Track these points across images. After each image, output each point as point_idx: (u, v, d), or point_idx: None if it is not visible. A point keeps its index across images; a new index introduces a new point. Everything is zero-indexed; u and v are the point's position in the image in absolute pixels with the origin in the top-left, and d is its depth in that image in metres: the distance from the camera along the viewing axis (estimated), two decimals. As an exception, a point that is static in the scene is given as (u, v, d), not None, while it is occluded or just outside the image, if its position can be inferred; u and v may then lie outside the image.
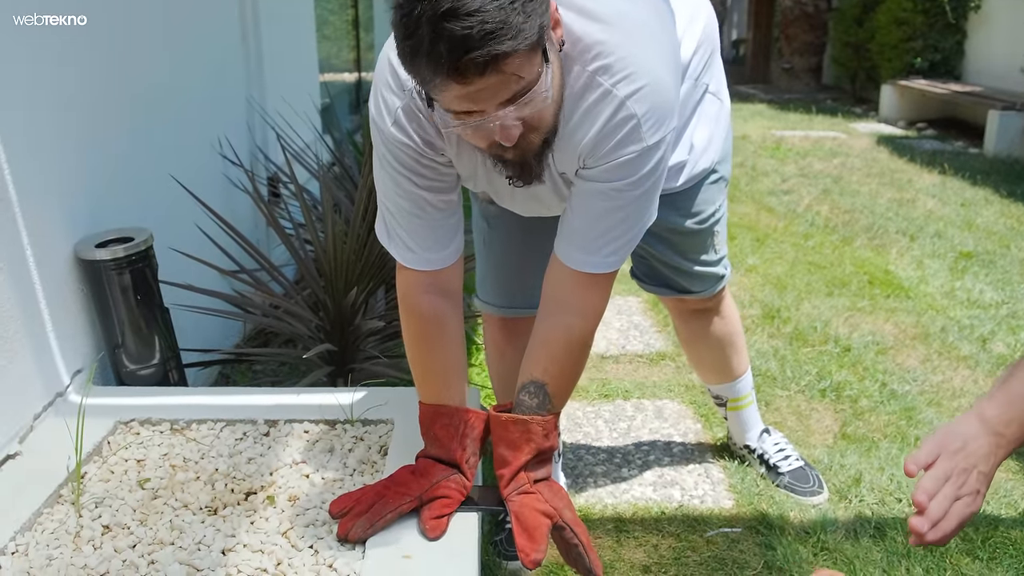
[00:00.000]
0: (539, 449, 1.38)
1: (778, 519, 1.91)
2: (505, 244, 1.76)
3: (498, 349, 1.88)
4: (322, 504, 1.45)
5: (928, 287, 3.37)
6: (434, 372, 1.44)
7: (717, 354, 2.01)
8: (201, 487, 1.52)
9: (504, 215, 1.69)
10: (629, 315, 3.10)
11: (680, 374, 2.64)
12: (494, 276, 1.80)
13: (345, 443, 1.65)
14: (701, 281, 1.83)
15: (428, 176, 1.34)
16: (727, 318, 1.97)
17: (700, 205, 1.73)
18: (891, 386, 2.54)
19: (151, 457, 1.60)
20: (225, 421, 1.71)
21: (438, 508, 1.35)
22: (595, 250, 1.34)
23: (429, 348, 1.43)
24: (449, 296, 1.44)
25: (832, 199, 4.79)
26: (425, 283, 1.41)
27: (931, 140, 6.84)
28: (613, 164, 1.26)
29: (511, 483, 1.37)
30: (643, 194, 1.31)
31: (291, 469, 1.57)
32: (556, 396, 1.40)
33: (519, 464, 1.37)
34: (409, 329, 1.45)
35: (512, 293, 1.80)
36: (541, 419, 1.38)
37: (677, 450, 2.22)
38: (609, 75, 1.22)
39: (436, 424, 1.42)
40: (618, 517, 1.92)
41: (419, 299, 1.42)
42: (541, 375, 1.39)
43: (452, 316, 1.44)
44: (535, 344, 1.41)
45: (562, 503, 1.36)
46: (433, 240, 1.39)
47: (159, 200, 2.19)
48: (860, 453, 2.18)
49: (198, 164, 2.49)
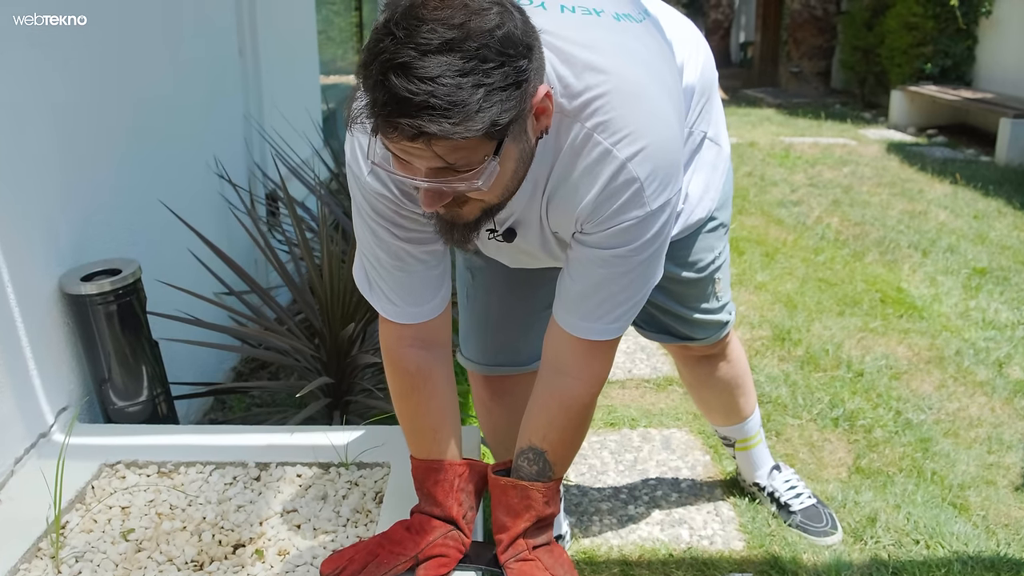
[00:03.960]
0: (539, 516, 1.31)
1: (791, 563, 1.83)
2: (488, 298, 1.65)
3: (484, 407, 1.78)
4: (313, 560, 1.38)
5: (942, 306, 3.29)
6: (423, 428, 1.36)
7: (724, 398, 1.93)
8: (187, 538, 1.45)
9: (489, 267, 1.60)
10: (635, 337, 3.02)
11: (687, 401, 2.57)
12: (477, 332, 1.70)
13: (339, 489, 1.58)
14: (703, 328, 1.75)
15: (408, 227, 1.24)
16: (733, 362, 1.89)
17: (698, 254, 1.64)
18: (906, 415, 2.46)
19: (136, 504, 1.54)
20: (215, 464, 1.64)
21: (435, 568, 1.28)
22: (596, 317, 1.25)
23: (417, 403, 1.36)
24: (435, 347, 1.36)
25: (842, 211, 4.71)
26: (409, 336, 1.33)
27: (942, 148, 6.74)
28: (614, 230, 1.16)
29: (509, 549, 1.31)
30: (648, 259, 1.21)
31: (281, 519, 1.50)
32: (557, 464, 1.33)
33: (518, 531, 1.30)
34: (394, 384, 1.38)
35: (496, 351, 1.70)
36: (542, 486, 1.31)
37: (685, 485, 2.15)
38: (609, 133, 1.11)
39: (429, 480, 1.35)
40: (624, 560, 1.85)
41: (403, 353, 1.34)
42: (540, 442, 1.32)
43: (439, 368, 1.36)
44: (534, 408, 1.34)
45: (563, 569, 1.30)
46: (416, 294, 1.30)
47: (150, 226, 2.12)
48: (875, 489, 2.10)
49: (192, 185, 2.43)
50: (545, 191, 1.19)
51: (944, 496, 2.07)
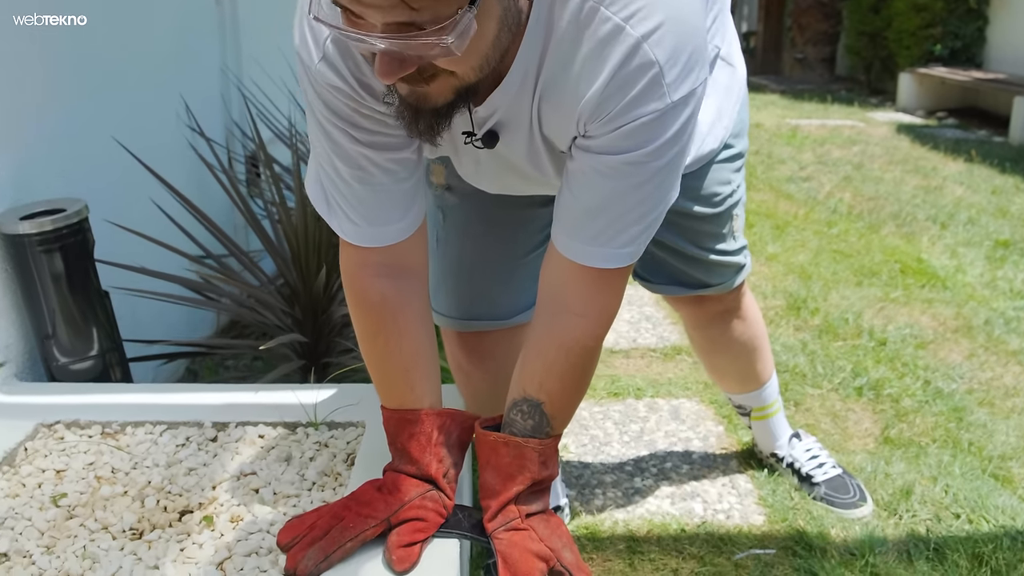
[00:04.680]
0: (534, 479, 1.10)
1: (818, 538, 1.64)
2: (462, 241, 1.42)
3: (461, 371, 1.56)
4: (270, 527, 1.18)
5: (966, 276, 3.09)
6: (393, 372, 1.15)
7: (740, 363, 1.73)
8: (128, 504, 1.25)
9: (464, 204, 1.38)
10: (640, 306, 2.83)
11: (697, 370, 2.37)
12: (449, 281, 1.46)
13: (306, 450, 1.38)
14: (719, 273, 1.54)
15: (370, 129, 1.02)
16: (749, 321, 1.68)
17: (712, 186, 1.43)
18: (935, 384, 2.26)
19: (73, 467, 1.34)
20: (166, 424, 1.45)
21: (409, 534, 1.08)
22: (605, 241, 1.03)
23: (385, 342, 1.14)
24: (406, 276, 1.14)
25: (854, 186, 4.51)
26: (374, 263, 1.11)
27: (952, 129, 6.54)
28: (626, 130, 0.94)
29: (498, 516, 1.09)
30: (667, 165, 0.98)
31: (238, 483, 1.30)
32: (556, 417, 1.12)
33: (509, 496, 1.09)
34: (359, 321, 1.16)
35: (471, 302, 1.47)
36: (538, 443, 1.10)
37: (697, 457, 1.95)
38: (619, 6, 0.89)
39: (403, 434, 1.14)
40: (631, 535, 1.65)
41: (368, 283, 1.12)
42: (536, 392, 1.10)
43: (411, 300, 1.14)
44: (530, 353, 1.12)
45: (561, 542, 1.09)
46: (382, 211, 1.08)
47: (108, 172, 1.92)
48: (907, 460, 1.90)
49: (160, 138, 2.23)
50: (537, 83, 0.98)
51: (984, 467, 1.87)
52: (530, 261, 1.44)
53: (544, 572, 1.06)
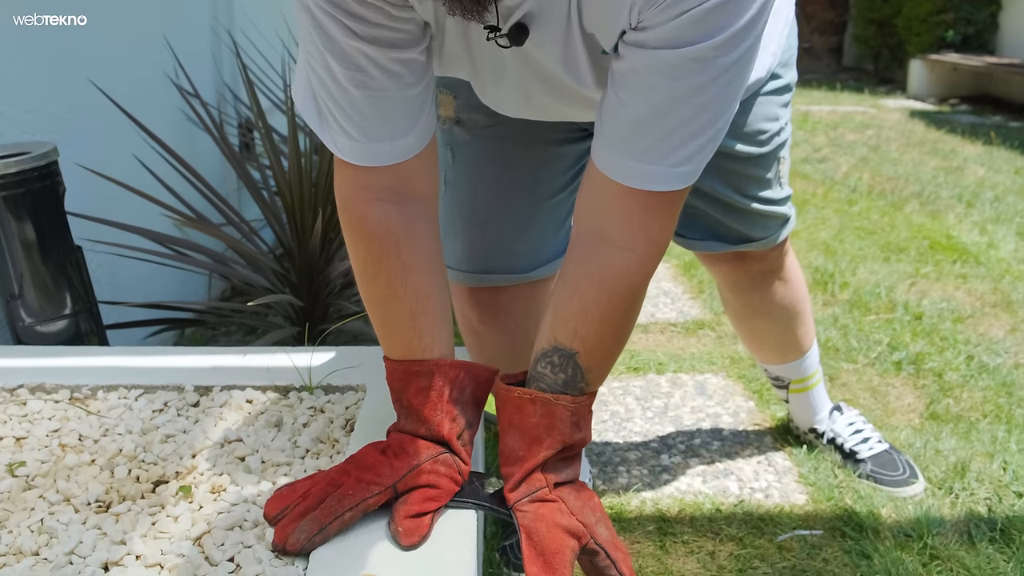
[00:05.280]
0: (565, 443, 0.92)
1: (868, 518, 1.48)
2: (474, 184, 1.25)
3: (473, 333, 1.39)
4: (256, 498, 1.02)
5: (999, 252, 2.93)
6: (398, 315, 0.98)
7: (780, 329, 1.56)
8: (95, 474, 1.09)
9: (476, 140, 1.21)
10: (656, 281, 2.67)
11: (723, 345, 2.21)
12: (459, 230, 1.30)
13: (299, 416, 1.22)
14: (763, 225, 1.37)
15: (371, 20, 0.84)
16: (791, 283, 1.52)
17: (758, 122, 1.26)
18: (980, 358, 2.10)
19: (36, 434, 1.18)
20: (142, 388, 1.29)
21: (418, 503, 0.92)
22: (658, 157, 0.85)
23: (388, 281, 0.97)
24: (413, 201, 0.96)
25: (872, 167, 4.35)
26: (375, 186, 0.94)
27: (967, 115, 6.38)
28: (692, 15, 0.77)
29: (522, 485, 0.92)
30: (736, 63, 0.81)
31: (221, 450, 1.14)
32: (591, 371, 0.94)
33: (535, 461, 0.91)
34: (357, 256, 0.99)
35: (485, 253, 1.30)
36: (571, 400, 0.92)
37: (728, 433, 1.79)
38: None
39: (409, 388, 0.97)
40: (661, 515, 1.49)
41: (367, 210, 0.95)
42: (569, 340, 0.93)
43: (419, 232, 0.97)
44: (562, 294, 0.95)
45: (594, 516, 0.91)
46: (384, 123, 0.90)
47: (85, 121, 1.76)
48: (958, 436, 1.74)
49: (147, 93, 2.07)
50: None
51: (1042, 443, 1.71)
52: (554, 206, 1.28)
53: (575, 551, 0.88)
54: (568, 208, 1.31)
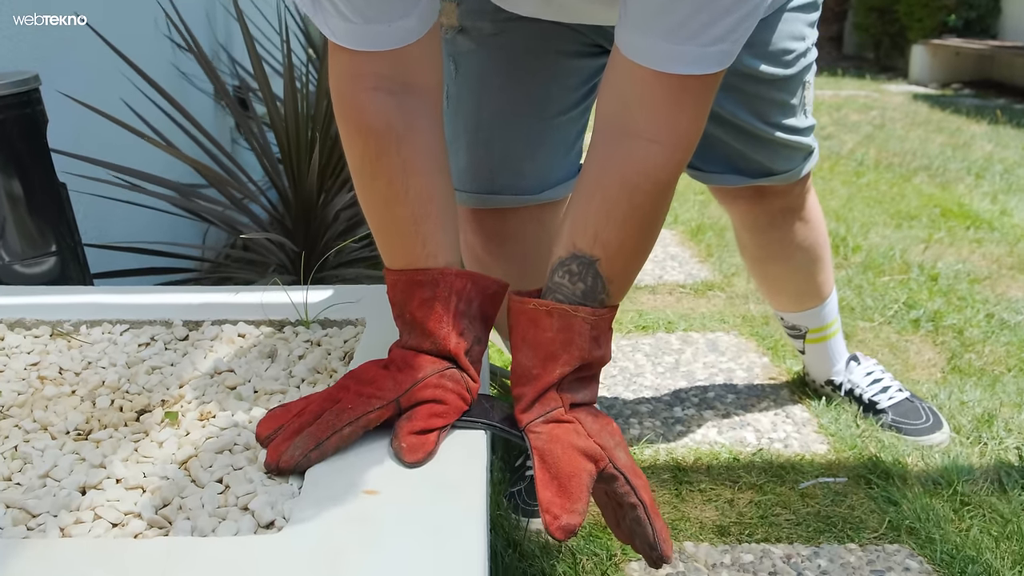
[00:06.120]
0: (584, 360, 0.84)
1: (894, 465, 1.41)
2: (478, 97, 1.17)
3: (478, 263, 1.31)
4: (248, 424, 0.95)
5: (1012, 219, 2.86)
6: (400, 219, 0.89)
7: (800, 274, 1.49)
8: (76, 404, 1.01)
9: (481, 50, 1.13)
10: (663, 246, 2.60)
11: (734, 304, 2.14)
12: (464, 146, 1.21)
13: (294, 348, 1.14)
14: (786, 157, 1.30)
15: None
16: (812, 224, 1.44)
17: (783, 40, 1.19)
18: (1000, 315, 2.03)
19: (13, 367, 1.10)
20: (128, 323, 1.21)
21: (424, 419, 0.83)
22: (689, 35, 0.76)
23: (389, 181, 0.88)
24: (415, 92, 0.88)
25: (878, 143, 4.28)
26: (372, 74, 0.85)
27: (970, 98, 6.31)
28: None
29: (535, 405, 0.83)
30: None
31: (210, 380, 1.06)
32: (613, 281, 0.85)
33: (551, 379, 0.83)
34: (353, 153, 0.90)
35: (491, 172, 1.21)
36: (590, 312, 0.84)
37: (742, 387, 1.72)
38: None
39: (413, 300, 0.88)
40: (676, 464, 1.42)
41: (364, 100, 0.86)
42: (589, 246, 0.84)
43: (421, 127, 0.88)
44: (581, 197, 0.86)
45: (613, 440, 0.82)
46: (381, 1, 0.81)
47: (73, 53, 1.69)
48: (982, 388, 1.67)
49: (137, 47, 1.99)
50: None
51: (1071, 395, 1.64)
52: (564, 124, 1.21)
53: (592, 475, 0.80)
54: (579, 128, 1.24)
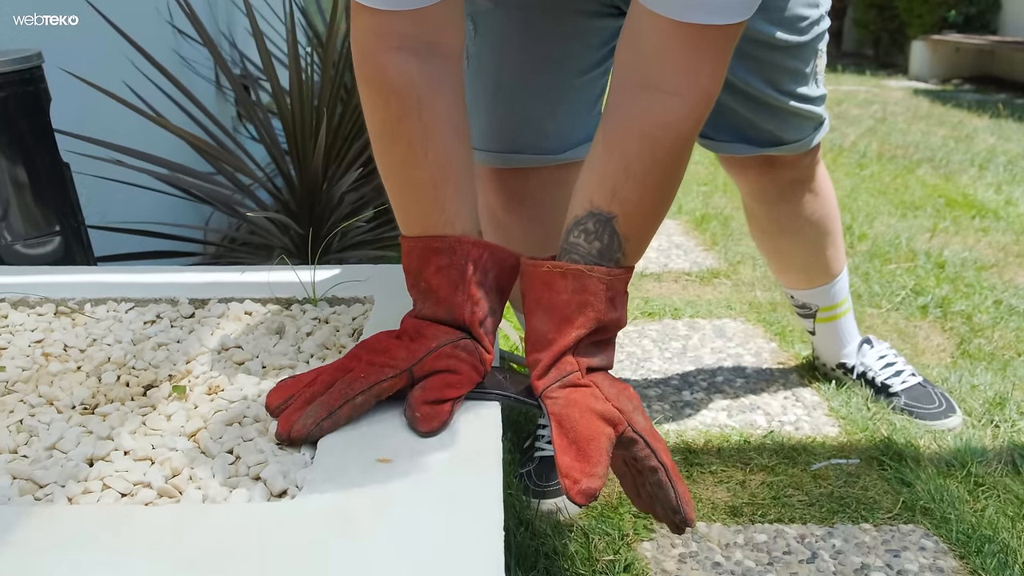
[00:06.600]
0: (600, 321, 0.82)
1: (907, 447, 1.39)
2: (498, 56, 1.16)
3: (498, 225, 1.30)
4: (257, 398, 0.93)
5: (1019, 208, 2.85)
6: (418, 184, 0.87)
7: (809, 248, 1.48)
8: (81, 380, 1.00)
9: (499, 9, 1.13)
10: (668, 235, 2.59)
11: (740, 292, 2.12)
12: (484, 105, 1.21)
13: (302, 325, 1.13)
14: (797, 126, 1.29)
15: None
16: (822, 196, 1.43)
17: (798, 7, 1.18)
18: (1008, 302, 2.02)
19: (18, 344, 1.09)
20: (133, 301, 1.20)
21: (438, 389, 0.82)
22: None
23: (408, 144, 0.86)
24: (437, 55, 0.86)
25: (880, 136, 4.27)
26: (396, 33, 0.84)
27: (971, 93, 6.31)
28: None
29: (551, 370, 0.81)
30: None
31: (218, 356, 1.05)
32: (630, 240, 0.83)
33: (567, 343, 0.81)
34: (373, 115, 0.88)
35: (512, 131, 1.21)
36: (606, 272, 0.82)
37: (751, 371, 1.70)
38: None
39: (428, 267, 0.87)
40: (687, 447, 1.41)
41: (386, 60, 0.84)
42: (607, 202, 0.83)
43: (443, 90, 0.86)
44: (599, 153, 0.85)
45: (631, 404, 0.80)
46: None
47: (72, 39, 1.67)
48: (993, 372, 1.66)
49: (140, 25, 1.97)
50: None
51: (1082, 379, 1.63)
52: (585, 84, 1.20)
53: (611, 439, 0.78)
54: (600, 88, 1.23)
